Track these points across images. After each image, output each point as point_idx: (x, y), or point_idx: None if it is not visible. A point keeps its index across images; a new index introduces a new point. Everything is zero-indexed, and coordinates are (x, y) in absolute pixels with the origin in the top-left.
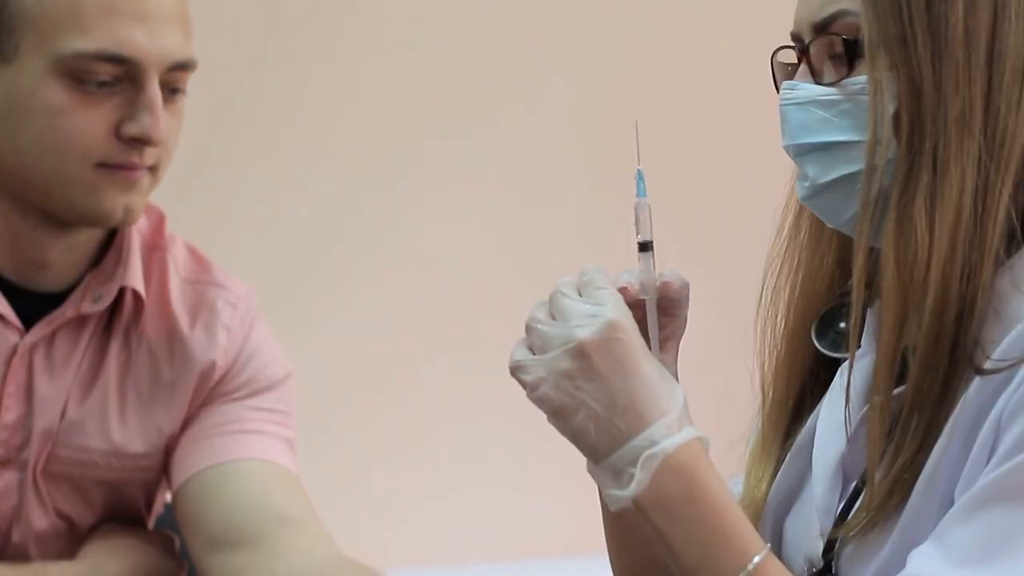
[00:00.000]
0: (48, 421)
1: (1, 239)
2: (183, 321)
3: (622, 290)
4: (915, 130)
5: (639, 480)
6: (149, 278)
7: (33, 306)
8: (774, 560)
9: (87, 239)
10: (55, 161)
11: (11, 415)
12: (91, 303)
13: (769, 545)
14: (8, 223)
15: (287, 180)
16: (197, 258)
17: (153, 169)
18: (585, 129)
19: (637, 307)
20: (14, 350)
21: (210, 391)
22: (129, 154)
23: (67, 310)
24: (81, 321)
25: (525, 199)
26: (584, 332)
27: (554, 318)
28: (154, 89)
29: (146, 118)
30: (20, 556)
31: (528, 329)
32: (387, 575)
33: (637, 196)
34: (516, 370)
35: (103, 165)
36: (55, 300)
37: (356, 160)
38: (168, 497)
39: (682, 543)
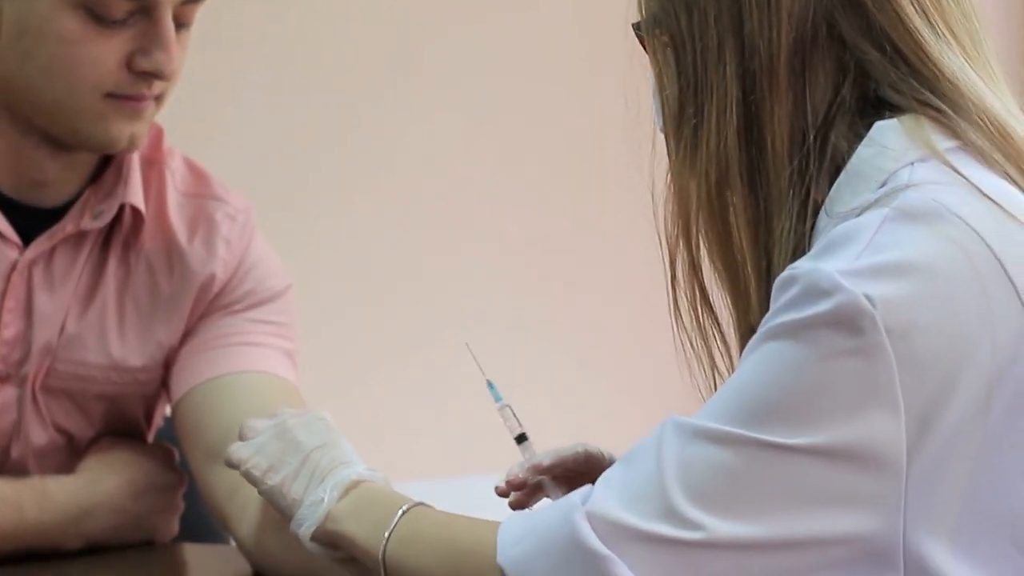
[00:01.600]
0: (47, 336)
1: (1, 157)
2: (181, 235)
3: (511, 482)
4: (682, 82)
5: (329, 500)
6: (147, 193)
7: (31, 222)
8: (426, 508)
9: (87, 157)
10: (65, 89)
11: (10, 331)
12: (91, 219)
13: (424, 502)
14: (9, 141)
15: (283, 90)
16: (195, 172)
17: (159, 98)
18: (584, 24)
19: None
20: (13, 266)
21: (209, 304)
22: (139, 86)
23: (67, 226)
24: (80, 237)
25: (524, 98)
26: (288, 415)
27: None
28: (168, 24)
29: (159, 53)
30: (19, 472)
31: (242, 436)
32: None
33: (496, 402)
34: (229, 460)
35: (112, 95)
36: (53, 216)
37: (352, 67)
38: (168, 410)
39: (355, 529)
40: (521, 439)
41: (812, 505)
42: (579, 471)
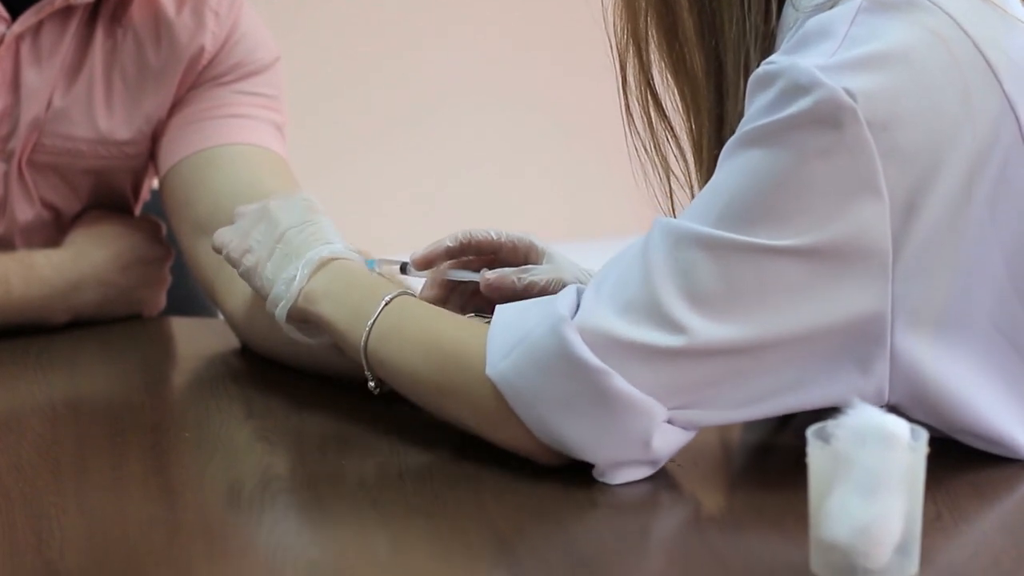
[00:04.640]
0: (35, 111)
1: None
2: (169, 7)
3: (425, 296)
4: None
5: (301, 277)
6: None
7: None
8: (408, 298)
9: None
10: None
11: None
12: None
13: (408, 291)
14: None
15: None
16: None
17: None
18: None
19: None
20: (1, 40)
21: (198, 76)
22: None
23: None
24: (67, 11)
25: None
26: (273, 199)
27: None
28: None
29: None
30: (5, 249)
31: (233, 221)
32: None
33: (370, 267)
34: (214, 244)
35: None
36: None
37: None
38: (155, 184)
39: (335, 314)
40: (403, 270)
41: (802, 302)
42: (471, 252)
